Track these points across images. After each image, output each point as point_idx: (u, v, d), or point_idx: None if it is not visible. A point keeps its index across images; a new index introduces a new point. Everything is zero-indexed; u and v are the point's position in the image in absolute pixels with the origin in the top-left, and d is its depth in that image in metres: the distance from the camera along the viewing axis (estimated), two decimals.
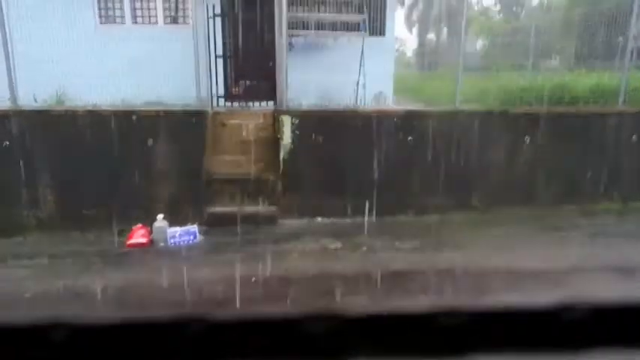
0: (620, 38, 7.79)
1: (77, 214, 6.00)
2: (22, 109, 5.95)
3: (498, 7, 24.48)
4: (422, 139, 6.40)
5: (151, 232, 5.75)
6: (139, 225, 5.76)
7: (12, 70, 5.96)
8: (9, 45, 5.95)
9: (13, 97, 5.93)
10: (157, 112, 6.10)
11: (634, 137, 6.76)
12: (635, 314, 0.57)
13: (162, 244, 5.64)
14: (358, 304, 2.97)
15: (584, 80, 7.64)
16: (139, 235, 5.63)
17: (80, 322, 0.52)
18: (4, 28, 5.91)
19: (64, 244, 5.64)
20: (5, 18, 5.97)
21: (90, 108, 6.08)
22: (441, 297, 4.10)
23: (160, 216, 5.78)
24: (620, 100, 6.97)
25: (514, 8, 23.25)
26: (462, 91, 6.84)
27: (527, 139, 6.55)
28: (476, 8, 22.48)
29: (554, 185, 6.72)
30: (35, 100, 6.34)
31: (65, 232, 5.91)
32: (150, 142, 6.01)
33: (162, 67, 7.05)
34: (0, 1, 5.90)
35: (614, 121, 6.76)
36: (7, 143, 5.80)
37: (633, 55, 7.19)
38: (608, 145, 6.75)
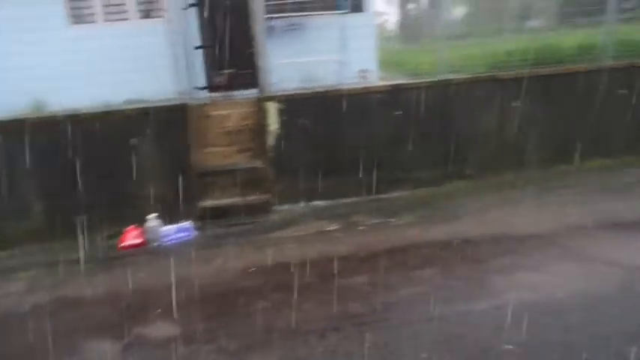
0: None
1: (67, 220, 5.89)
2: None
3: None
4: (410, 113, 6.31)
5: (144, 233, 5.67)
6: (132, 226, 5.68)
7: None
8: None
9: None
10: (138, 110, 5.96)
11: (623, 91, 6.69)
12: None
13: (156, 243, 5.56)
14: (360, 282, 2.92)
15: (569, 39, 7.53)
16: (132, 237, 5.56)
17: None
18: None
19: (56, 252, 5.55)
20: None
21: (69, 112, 5.93)
22: (440, 269, 4.07)
23: (152, 215, 5.69)
24: (607, 55, 6.88)
25: None
26: (447, 60, 6.72)
27: (516, 103, 6.47)
28: None
29: (547, 147, 6.67)
30: (14, 110, 6.19)
31: (56, 240, 5.82)
32: (134, 141, 5.88)
33: (140, 63, 6.91)
34: None
35: (602, 77, 6.68)
36: None
37: (616, 8, 7.07)
38: (598, 102, 6.68)
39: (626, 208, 5.15)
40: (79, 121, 5.82)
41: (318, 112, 6.17)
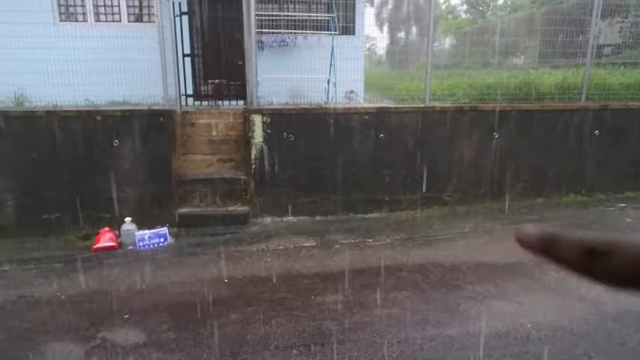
0: (581, 37, 8.03)
1: (40, 218, 5.76)
2: None
3: (465, 6, 24.95)
4: (393, 136, 6.42)
5: (118, 236, 5.57)
6: (106, 228, 5.59)
7: None
8: None
9: None
10: (123, 111, 5.91)
11: (596, 132, 6.97)
12: None
13: (130, 247, 5.47)
14: (333, 300, 2.93)
15: (549, 78, 7.82)
16: (106, 239, 5.45)
17: None
18: None
19: (26, 250, 5.40)
20: None
21: (50, 109, 5.85)
22: (414, 292, 4.10)
23: (128, 219, 5.62)
24: (583, 96, 7.18)
25: (480, 7, 23.75)
26: (432, 89, 6.90)
27: (496, 134, 6.66)
28: (443, 7, 22.86)
29: (523, 179, 6.86)
30: None
31: (28, 237, 5.67)
32: (115, 143, 5.82)
33: (128, 66, 6.82)
34: None
35: (578, 116, 6.95)
36: None
37: (594, 52, 7.42)
38: (572, 140, 6.94)
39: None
40: (59, 117, 5.74)
41: (304, 129, 6.23)
